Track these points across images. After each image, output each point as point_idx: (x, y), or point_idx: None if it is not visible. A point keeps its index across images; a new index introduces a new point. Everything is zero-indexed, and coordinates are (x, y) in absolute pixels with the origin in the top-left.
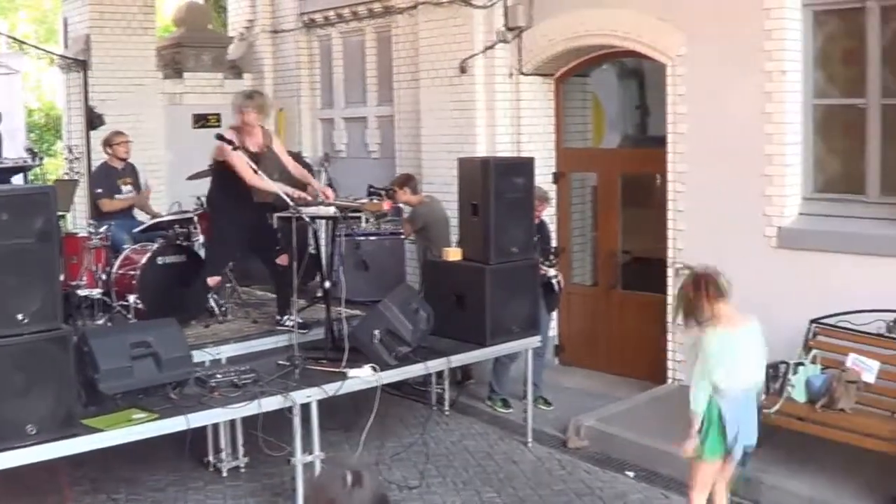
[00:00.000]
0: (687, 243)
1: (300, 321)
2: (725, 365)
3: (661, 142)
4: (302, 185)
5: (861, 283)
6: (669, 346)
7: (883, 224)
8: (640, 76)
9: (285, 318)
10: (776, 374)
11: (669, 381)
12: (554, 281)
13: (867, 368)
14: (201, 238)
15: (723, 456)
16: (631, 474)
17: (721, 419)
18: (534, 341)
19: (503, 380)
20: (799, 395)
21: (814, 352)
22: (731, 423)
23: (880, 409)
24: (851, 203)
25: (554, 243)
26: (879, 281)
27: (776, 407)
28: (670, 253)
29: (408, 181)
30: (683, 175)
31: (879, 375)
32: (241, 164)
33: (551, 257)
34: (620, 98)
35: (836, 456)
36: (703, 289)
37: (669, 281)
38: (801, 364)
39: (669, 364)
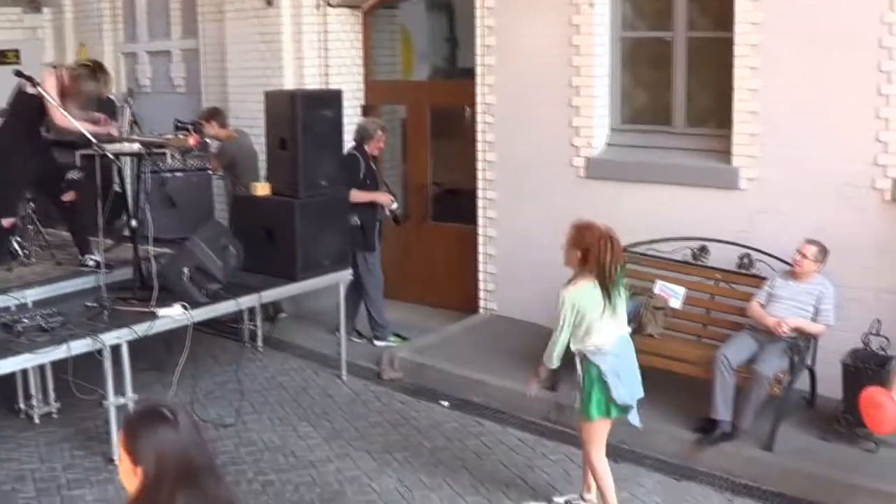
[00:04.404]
0: (497, 175)
1: (104, 261)
2: (593, 322)
3: (470, 74)
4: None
5: (667, 211)
6: (480, 276)
7: (688, 154)
8: (449, 8)
9: (87, 257)
10: None
11: (481, 310)
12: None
13: (674, 294)
14: None
15: (608, 413)
16: (445, 403)
17: (602, 378)
18: (345, 275)
19: (383, 314)
20: None
21: None
22: (612, 379)
23: (687, 333)
24: (658, 134)
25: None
26: (685, 210)
27: None
28: (480, 184)
29: (215, 115)
30: (492, 107)
31: (685, 301)
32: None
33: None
34: (430, 30)
35: (646, 381)
36: (606, 247)
37: (480, 213)
38: None
39: (481, 294)
